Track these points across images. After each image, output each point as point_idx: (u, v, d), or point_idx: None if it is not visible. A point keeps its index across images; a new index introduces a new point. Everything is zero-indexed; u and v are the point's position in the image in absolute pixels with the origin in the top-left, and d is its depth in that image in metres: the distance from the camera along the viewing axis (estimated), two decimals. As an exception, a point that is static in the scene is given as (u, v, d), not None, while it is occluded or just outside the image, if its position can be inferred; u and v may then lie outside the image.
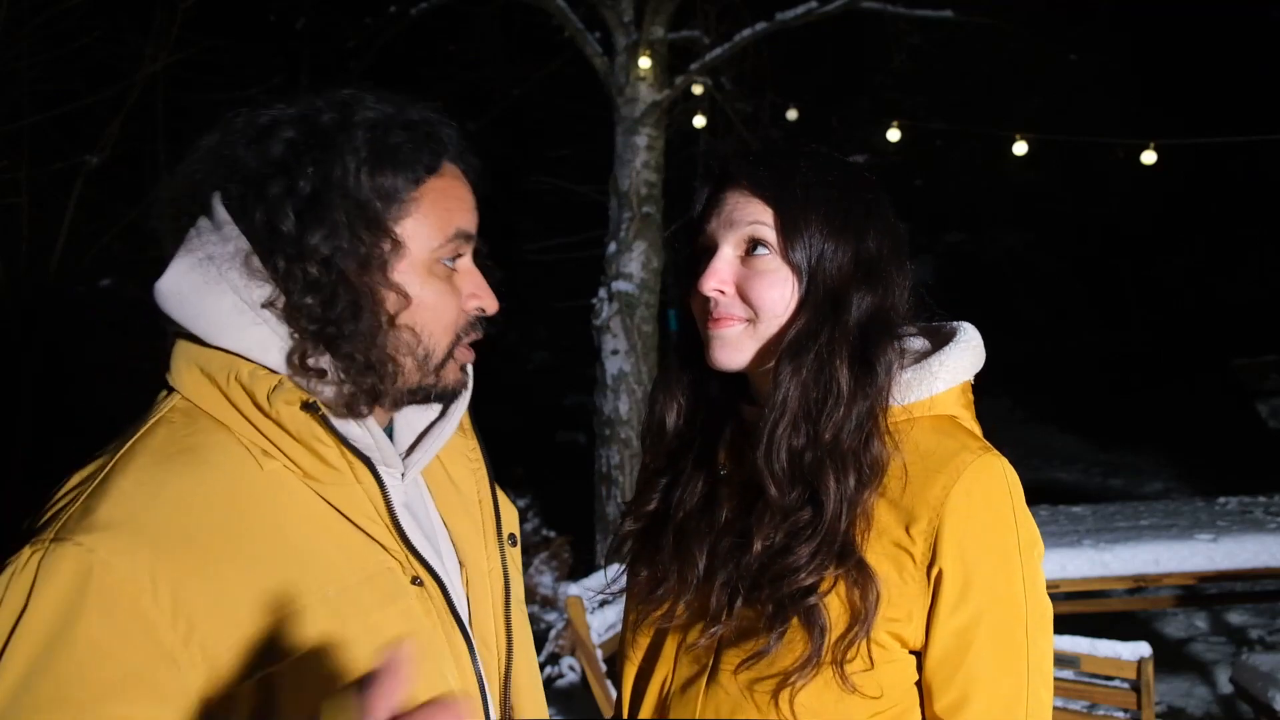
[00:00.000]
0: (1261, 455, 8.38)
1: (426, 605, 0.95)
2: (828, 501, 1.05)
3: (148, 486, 0.85)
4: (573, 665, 4.67)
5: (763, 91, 6.60)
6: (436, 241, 0.95)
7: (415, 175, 0.94)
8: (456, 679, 0.96)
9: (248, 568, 0.85)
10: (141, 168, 7.01)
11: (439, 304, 0.95)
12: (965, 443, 1.09)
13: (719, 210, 1.13)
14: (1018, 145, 6.41)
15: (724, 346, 1.11)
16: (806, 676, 1.03)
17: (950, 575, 1.04)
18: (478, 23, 7.00)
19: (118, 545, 0.79)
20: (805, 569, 1.04)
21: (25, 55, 5.40)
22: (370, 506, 0.94)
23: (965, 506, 1.04)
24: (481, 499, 1.11)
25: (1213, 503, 4.99)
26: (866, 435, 1.06)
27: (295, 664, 0.84)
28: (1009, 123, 6.89)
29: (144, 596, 0.78)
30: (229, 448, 0.90)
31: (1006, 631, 1.06)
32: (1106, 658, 2.77)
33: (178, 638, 0.79)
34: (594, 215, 6.33)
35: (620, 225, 5.44)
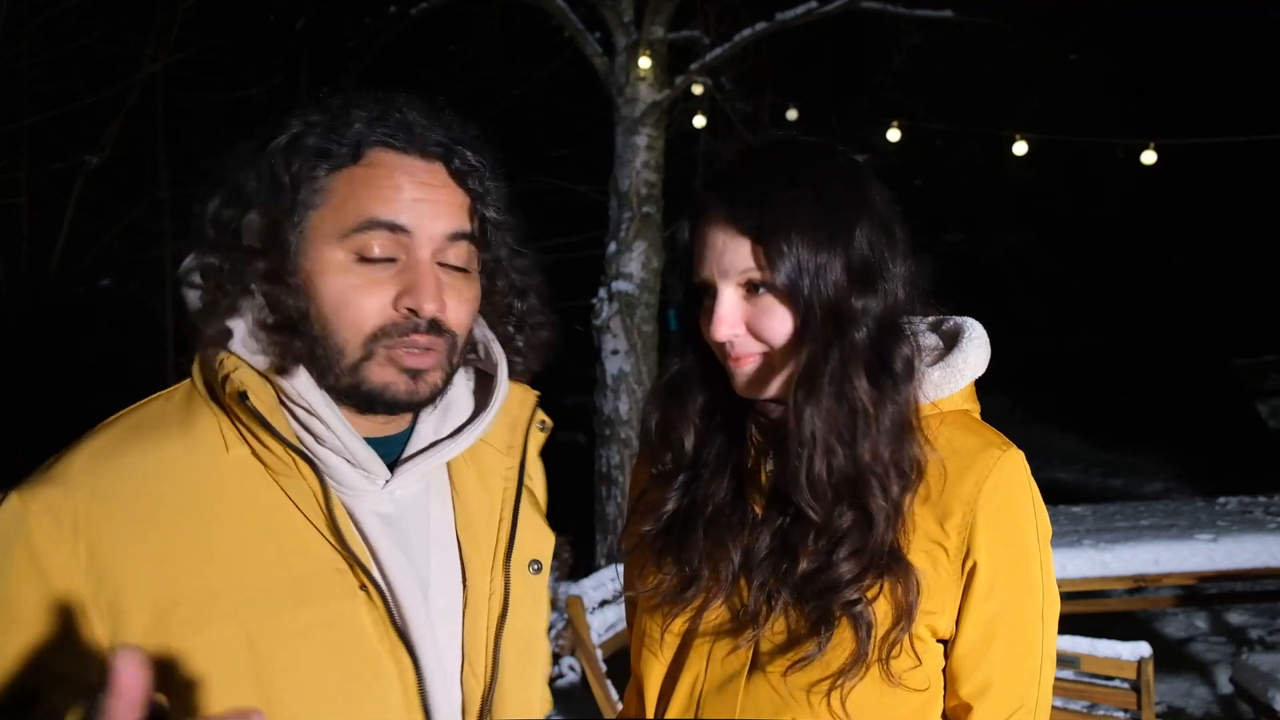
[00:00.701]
0: (1261, 455, 8.38)
1: (374, 615, 0.94)
2: (877, 515, 1.05)
3: (107, 451, 0.91)
4: (573, 665, 4.67)
5: (763, 91, 6.60)
6: (339, 231, 0.93)
7: (325, 165, 0.94)
8: (400, 702, 0.94)
9: (172, 537, 0.89)
10: (141, 168, 7.01)
11: (341, 300, 0.93)
12: (989, 439, 1.12)
13: (710, 250, 1.11)
14: (1018, 145, 6.41)
15: (748, 382, 1.12)
16: (855, 676, 1.05)
17: (983, 568, 1.08)
18: (478, 23, 7.01)
19: (50, 498, 0.87)
20: (852, 584, 1.05)
21: (25, 55, 5.40)
22: (315, 503, 0.94)
23: (995, 502, 1.08)
24: (501, 521, 1.08)
25: (1213, 503, 4.99)
26: (903, 440, 1.07)
27: (199, 641, 0.87)
28: (1009, 123, 6.89)
29: (64, 546, 0.85)
30: (204, 430, 0.94)
31: (1025, 619, 1.10)
32: (1106, 658, 2.77)
33: (90, 588, 0.86)
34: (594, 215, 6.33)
35: (620, 225, 5.44)
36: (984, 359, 1.16)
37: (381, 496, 1.00)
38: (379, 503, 0.99)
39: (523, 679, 1.07)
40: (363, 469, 0.97)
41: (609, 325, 5.34)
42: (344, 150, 0.94)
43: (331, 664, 0.92)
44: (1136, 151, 6.43)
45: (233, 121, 6.91)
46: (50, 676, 0.85)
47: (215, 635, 0.88)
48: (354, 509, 0.98)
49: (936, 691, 1.12)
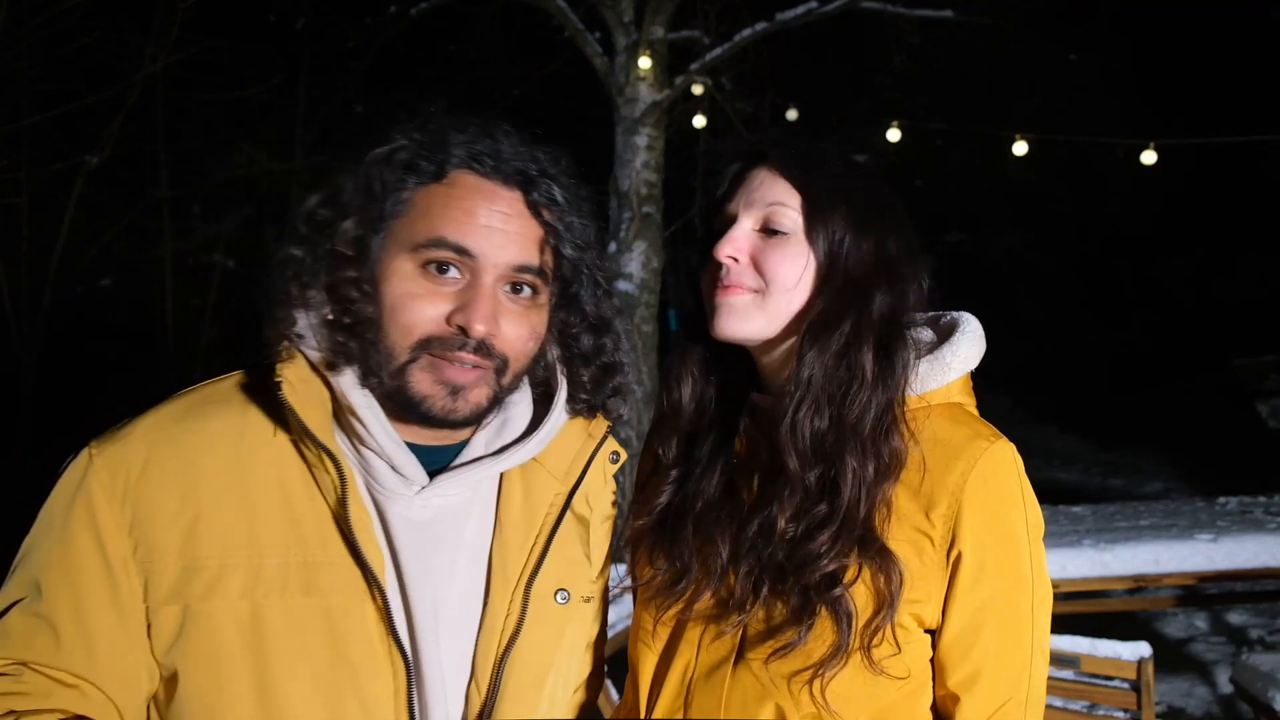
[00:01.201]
0: (1261, 455, 8.38)
1: (379, 614, 0.97)
2: (844, 486, 1.07)
3: (167, 423, 1.00)
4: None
5: (763, 91, 6.60)
6: (410, 243, 0.98)
7: (415, 180, 1.00)
8: (387, 699, 0.97)
9: (207, 516, 0.96)
10: (141, 168, 7.00)
11: (399, 304, 0.98)
12: (978, 430, 1.13)
13: (743, 187, 1.16)
14: (1018, 145, 6.40)
15: (730, 314, 1.13)
16: (836, 666, 1.06)
17: (968, 558, 1.08)
18: (478, 23, 7.00)
19: (111, 454, 0.97)
20: (827, 555, 1.06)
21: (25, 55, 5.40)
22: (335, 498, 0.98)
23: (982, 492, 1.09)
24: (534, 545, 1.09)
25: (1213, 503, 4.99)
26: (886, 428, 1.10)
27: (207, 608, 0.94)
28: (1009, 123, 6.88)
29: (114, 504, 0.95)
30: (256, 415, 1.01)
31: (1014, 611, 1.11)
32: (1106, 658, 2.77)
33: (130, 544, 0.95)
34: (594, 215, 6.33)
35: (620, 225, 5.44)
36: (976, 353, 1.17)
37: (415, 502, 1.03)
38: (411, 508, 1.03)
39: (525, 702, 1.06)
40: (400, 474, 1.01)
41: (609, 325, 5.33)
42: (430, 168, 1.00)
43: (327, 653, 0.96)
44: (1136, 151, 6.43)
45: (233, 121, 6.91)
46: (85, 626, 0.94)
47: (222, 605, 0.94)
48: (385, 510, 1.01)
49: (924, 681, 1.13)
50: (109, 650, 0.95)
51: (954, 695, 1.11)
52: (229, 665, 0.94)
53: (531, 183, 1.02)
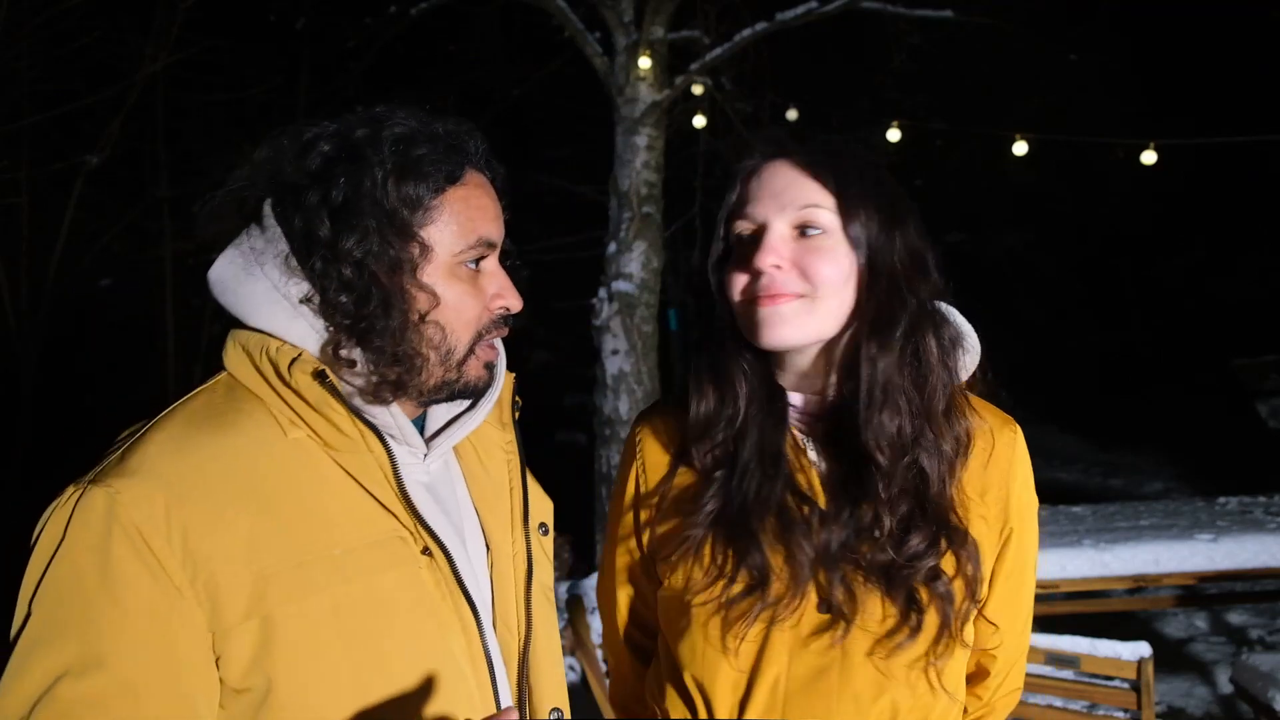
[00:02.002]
0: (1261, 455, 8.38)
1: (436, 575, 1.01)
2: (931, 473, 1.11)
3: (175, 442, 0.96)
4: (573, 665, 4.67)
5: (763, 91, 6.60)
6: (459, 246, 1.03)
7: (437, 185, 1.01)
8: (465, 650, 1.02)
9: (258, 520, 0.94)
10: (141, 168, 7.00)
11: (460, 304, 1.03)
12: (1003, 416, 1.22)
13: (767, 188, 1.14)
14: (1018, 145, 6.40)
15: (781, 323, 1.12)
16: (946, 653, 1.12)
17: (1015, 533, 1.19)
18: (478, 23, 7.01)
19: (139, 490, 0.91)
20: (928, 554, 1.10)
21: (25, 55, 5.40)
22: (381, 475, 1.01)
23: (1021, 474, 1.20)
24: (513, 488, 1.17)
25: (1213, 503, 4.98)
26: (954, 409, 1.15)
27: (294, 610, 0.93)
28: (1009, 123, 6.88)
29: (158, 535, 0.90)
30: (258, 417, 1.00)
31: (1030, 576, 1.25)
32: (1106, 658, 2.77)
33: (186, 576, 0.90)
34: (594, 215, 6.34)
35: (620, 225, 5.44)
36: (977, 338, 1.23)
37: (420, 469, 1.08)
38: (420, 474, 1.08)
39: (551, 631, 1.17)
40: (408, 444, 1.06)
41: (609, 325, 5.33)
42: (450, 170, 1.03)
43: (408, 625, 0.99)
44: (1136, 151, 6.43)
45: (233, 121, 6.91)
46: (154, 667, 0.89)
47: (310, 605, 0.94)
48: (405, 480, 1.04)
49: None
50: (207, 687, 0.91)
51: (991, 655, 1.23)
52: (322, 662, 0.94)
53: (492, 165, 1.10)
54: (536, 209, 8.88)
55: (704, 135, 6.58)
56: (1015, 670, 1.28)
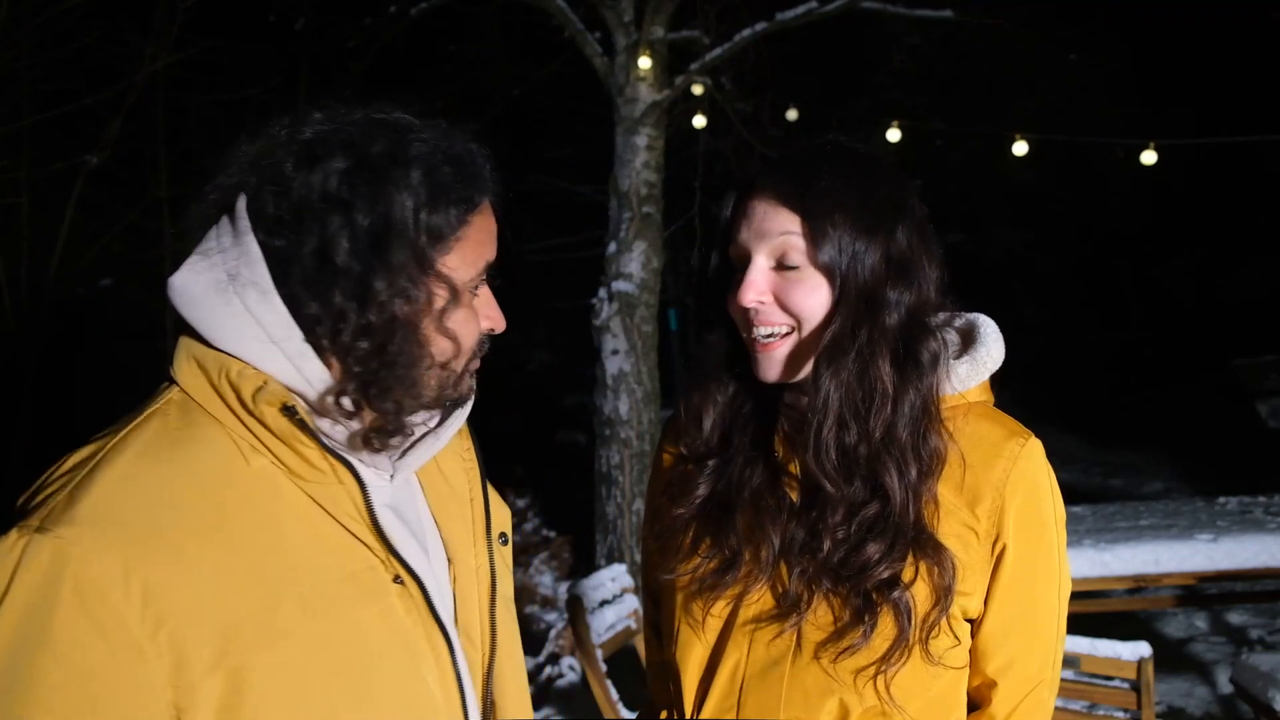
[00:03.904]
0: (1261, 455, 8.38)
1: (408, 604, 0.97)
2: (894, 494, 1.10)
3: (130, 480, 0.86)
4: (573, 665, 4.67)
5: (763, 91, 6.59)
6: (469, 276, 0.97)
7: (460, 215, 0.94)
8: (436, 678, 0.99)
9: (222, 561, 0.87)
10: (141, 168, 7.00)
11: (466, 331, 0.99)
12: (1013, 428, 1.18)
13: (748, 220, 1.16)
14: (1018, 145, 6.40)
15: (774, 365, 1.16)
16: (899, 661, 1.10)
17: (1011, 550, 1.14)
18: (478, 23, 7.00)
19: (94, 541, 0.81)
20: (883, 563, 1.09)
21: (25, 55, 5.40)
22: (352, 506, 0.95)
23: (1022, 487, 1.14)
24: (473, 497, 1.14)
25: (1213, 503, 4.98)
26: (923, 429, 1.12)
27: (265, 657, 0.86)
28: (1009, 123, 6.88)
29: (115, 591, 0.81)
30: (217, 443, 0.91)
31: (1046, 599, 1.18)
32: (1106, 658, 2.77)
33: (146, 630, 0.82)
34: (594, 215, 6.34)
35: (620, 225, 5.44)
36: (1001, 353, 1.22)
37: (386, 490, 1.03)
38: (386, 495, 1.03)
39: (513, 641, 1.14)
40: (374, 467, 1.01)
41: (609, 325, 5.33)
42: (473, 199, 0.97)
43: (385, 656, 0.95)
44: (1136, 151, 6.43)
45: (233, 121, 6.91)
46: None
47: (283, 649, 0.87)
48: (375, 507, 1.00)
49: (965, 669, 1.18)
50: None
51: (991, 682, 1.17)
52: (302, 708, 0.88)
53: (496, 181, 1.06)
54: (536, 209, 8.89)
55: (704, 135, 6.57)
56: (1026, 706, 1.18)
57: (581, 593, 3.35)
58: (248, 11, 6.89)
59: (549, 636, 4.87)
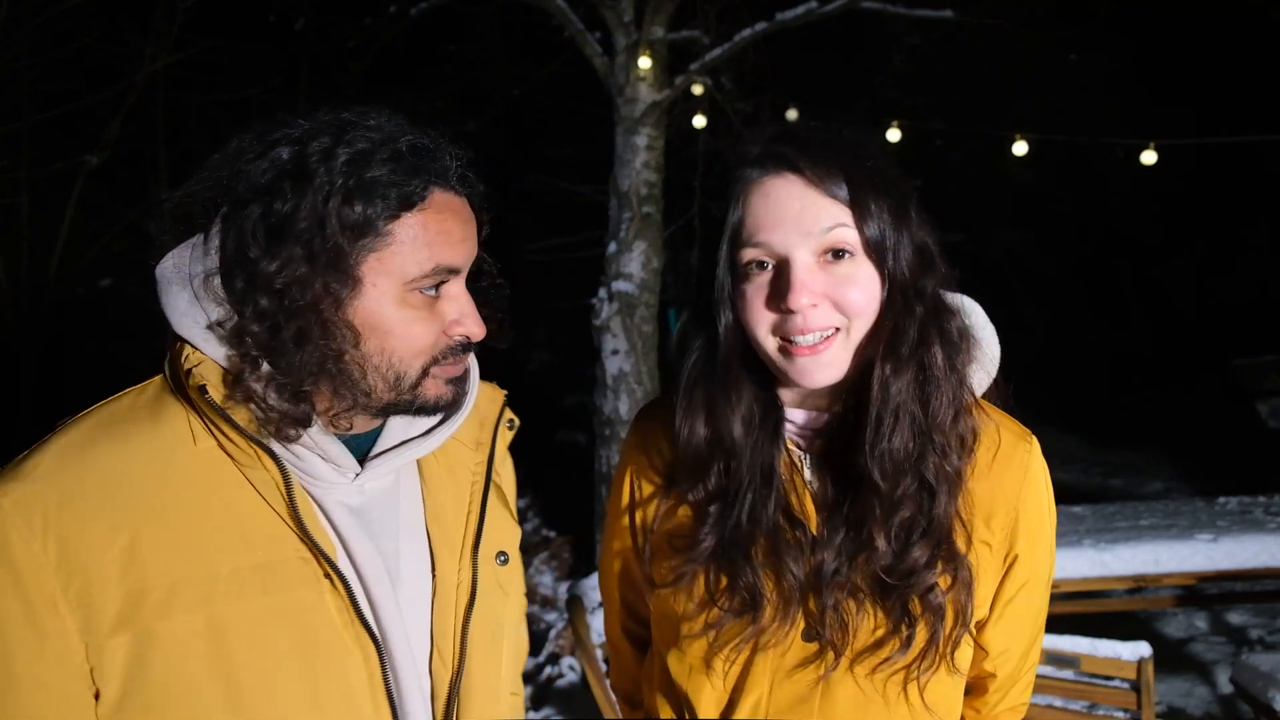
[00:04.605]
0: (1261, 455, 8.38)
1: (339, 602, 0.97)
2: (939, 486, 1.06)
3: (75, 448, 0.94)
4: (573, 665, 4.67)
5: (763, 91, 6.59)
6: (413, 273, 0.97)
7: (390, 209, 0.94)
8: (365, 684, 0.97)
9: (142, 531, 0.92)
10: (141, 168, 7.00)
11: (409, 332, 0.98)
12: (1019, 432, 1.15)
13: (782, 212, 1.04)
14: (1018, 145, 6.40)
15: (822, 369, 1.06)
16: (930, 670, 1.09)
17: (1020, 559, 1.15)
18: (478, 23, 7.00)
19: (21, 494, 0.90)
20: (928, 569, 1.06)
21: (25, 55, 5.40)
22: (278, 494, 0.97)
23: (1033, 499, 1.15)
24: (470, 513, 1.12)
25: (1213, 503, 4.98)
26: (957, 410, 1.08)
27: (171, 625, 0.90)
28: (1009, 123, 6.88)
29: (34, 542, 0.89)
30: (172, 423, 0.97)
31: (1040, 594, 1.20)
32: (1106, 658, 2.77)
33: (60, 583, 0.89)
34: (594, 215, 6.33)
35: (620, 225, 5.44)
36: (998, 344, 1.18)
37: (350, 489, 1.03)
38: (348, 495, 1.03)
39: (490, 666, 1.10)
40: (334, 463, 1.01)
41: (609, 325, 5.33)
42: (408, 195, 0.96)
43: (295, 650, 0.95)
44: (1136, 151, 6.43)
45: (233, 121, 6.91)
46: (19, 675, 0.89)
47: (181, 623, 0.91)
48: (323, 500, 1.01)
49: None
50: (39, 707, 0.89)
51: (990, 673, 1.20)
52: (196, 680, 0.91)
53: (468, 182, 1.04)
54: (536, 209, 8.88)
55: (704, 135, 6.57)
56: (1019, 686, 1.24)
57: (581, 593, 3.35)
58: (248, 11, 6.88)
59: (549, 636, 4.87)
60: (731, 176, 1.11)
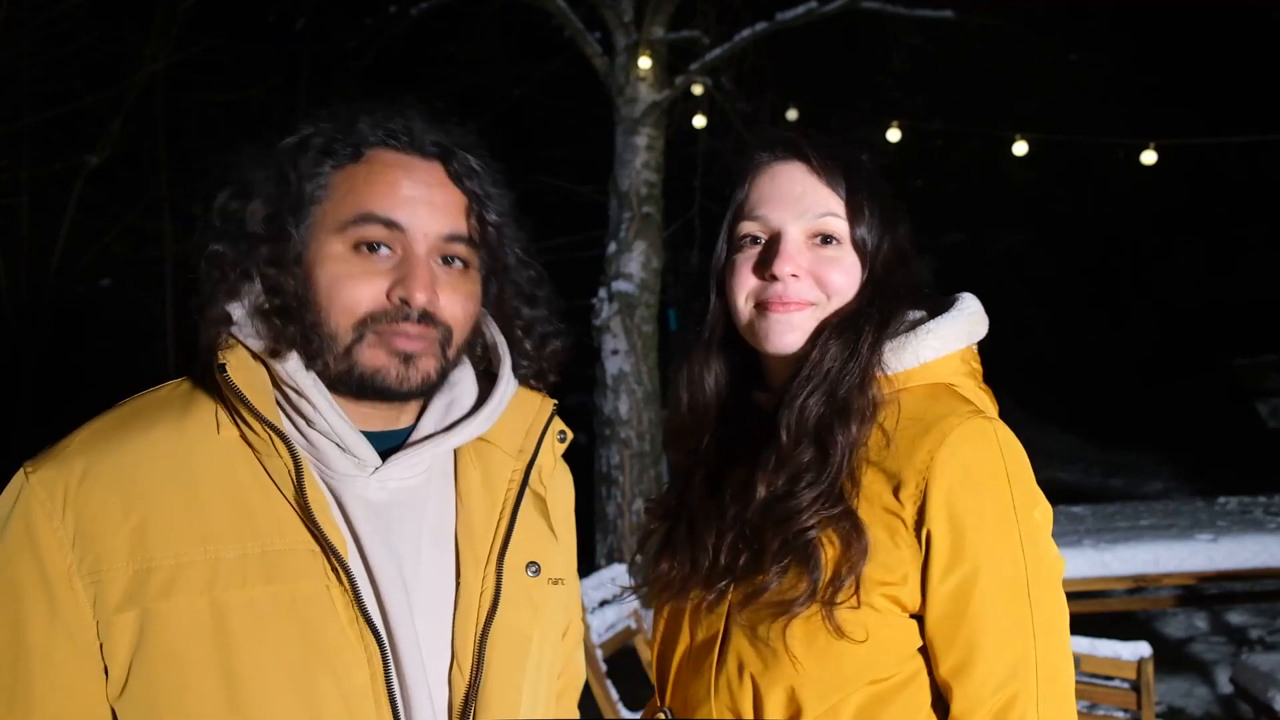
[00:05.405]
0: (1261, 455, 8.38)
1: (345, 598, 0.96)
2: (833, 451, 1.09)
3: (106, 432, 0.98)
4: (573, 665, 4.66)
5: (763, 91, 6.60)
6: (338, 224, 0.99)
7: (331, 168, 1.00)
8: (368, 685, 0.95)
9: (156, 516, 0.94)
10: (141, 168, 7.00)
11: (334, 288, 0.98)
12: (953, 407, 1.10)
13: (782, 192, 1.16)
14: (1018, 145, 6.41)
15: (790, 330, 1.15)
16: (803, 609, 1.06)
17: (940, 537, 1.05)
18: (478, 23, 7.00)
19: (48, 472, 0.95)
20: (808, 511, 1.08)
21: (25, 55, 5.40)
22: (290, 484, 0.96)
23: (953, 468, 1.05)
24: (500, 519, 1.09)
25: (1213, 503, 4.99)
26: (863, 385, 1.12)
27: (167, 607, 0.92)
28: (1009, 123, 6.88)
29: (54, 518, 0.93)
30: (199, 414, 1.00)
31: (1006, 592, 1.06)
32: (1106, 658, 2.77)
33: (75, 558, 0.92)
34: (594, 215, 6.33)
35: (620, 225, 5.44)
36: (964, 331, 1.17)
37: (371, 483, 1.02)
38: (368, 489, 1.02)
39: (510, 681, 1.05)
40: (352, 454, 1.00)
41: (609, 325, 5.33)
42: (347, 149, 1.01)
43: (295, 641, 0.94)
44: (1136, 151, 6.43)
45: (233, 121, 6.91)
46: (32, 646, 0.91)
47: (183, 604, 0.92)
48: (341, 493, 1.00)
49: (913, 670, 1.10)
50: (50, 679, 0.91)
51: (946, 684, 1.08)
52: (194, 664, 0.91)
53: (448, 153, 1.04)
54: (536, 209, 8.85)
55: (704, 135, 6.57)
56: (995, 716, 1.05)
57: (581, 592, 3.35)
58: (248, 11, 6.89)
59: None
60: (742, 160, 1.21)
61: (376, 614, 0.98)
